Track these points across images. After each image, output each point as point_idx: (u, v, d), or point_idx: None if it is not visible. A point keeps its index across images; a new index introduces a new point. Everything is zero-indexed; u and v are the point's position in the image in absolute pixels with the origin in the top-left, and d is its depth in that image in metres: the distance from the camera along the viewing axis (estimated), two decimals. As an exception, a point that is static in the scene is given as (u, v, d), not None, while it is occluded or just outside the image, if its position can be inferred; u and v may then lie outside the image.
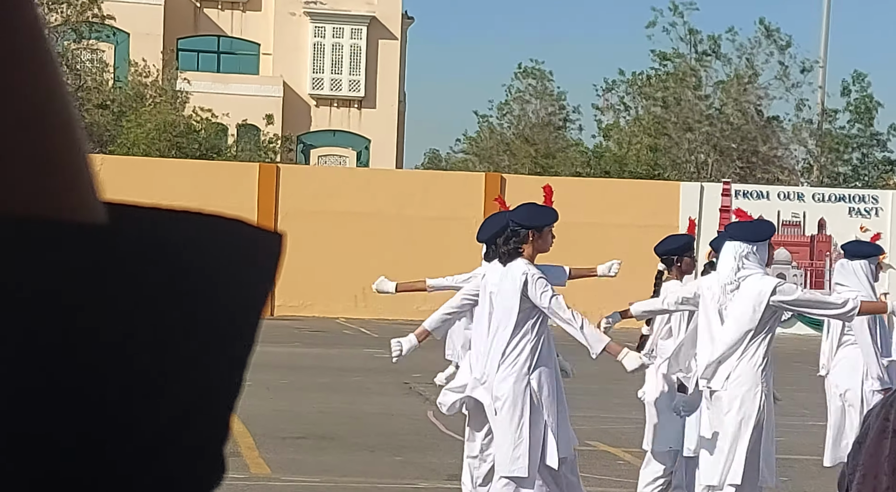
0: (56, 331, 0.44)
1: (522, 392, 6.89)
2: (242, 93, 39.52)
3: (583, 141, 41.69)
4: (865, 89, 38.71)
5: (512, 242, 7.00)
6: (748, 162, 37.72)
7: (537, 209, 7.44)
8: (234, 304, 0.49)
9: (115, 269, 0.46)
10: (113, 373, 0.45)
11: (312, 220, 27.62)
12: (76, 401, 0.45)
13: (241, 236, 0.50)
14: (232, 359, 0.49)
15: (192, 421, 0.48)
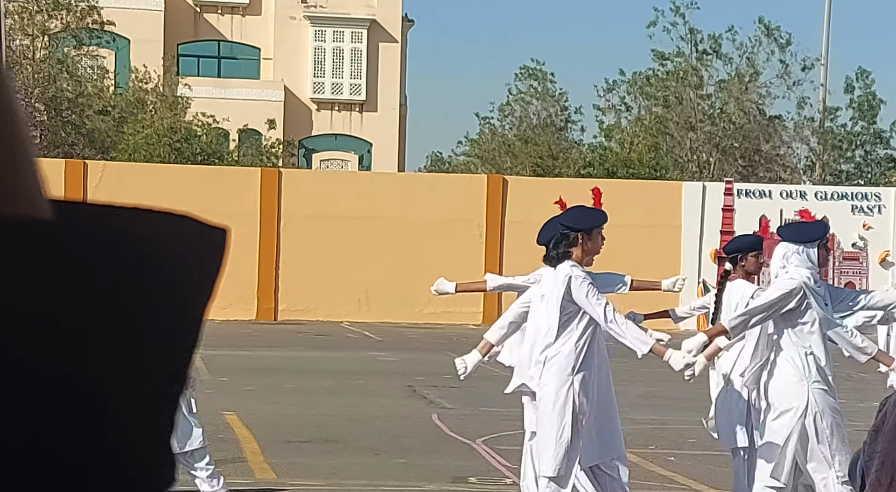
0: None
1: (565, 394, 6.91)
2: (243, 98, 39.54)
3: (584, 142, 41.67)
4: (869, 86, 38.69)
5: (562, 245, 7.03)
6: (750, 161, 37.70)
7: (586, 211, 7.51)
8: (176, 297, 0.50)
9: (53, 261, 0.46)
10: (49, 365, 0.46)
11: (315, 224, 27.61)
12: (8, 397, 0.45)
13: (186, 231, 0.51)
14: (175, 351, 0.50)
15: (134, 413, 0.48)
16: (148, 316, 0.49)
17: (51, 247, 0.46)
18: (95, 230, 0.48)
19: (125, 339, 0.48)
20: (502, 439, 11.70)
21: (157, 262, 0.49)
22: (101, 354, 0.47)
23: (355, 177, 33.49)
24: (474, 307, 28.15)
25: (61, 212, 0.49)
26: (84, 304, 0.47)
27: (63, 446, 0.46)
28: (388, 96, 41.65)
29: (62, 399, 0.46)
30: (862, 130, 38.87)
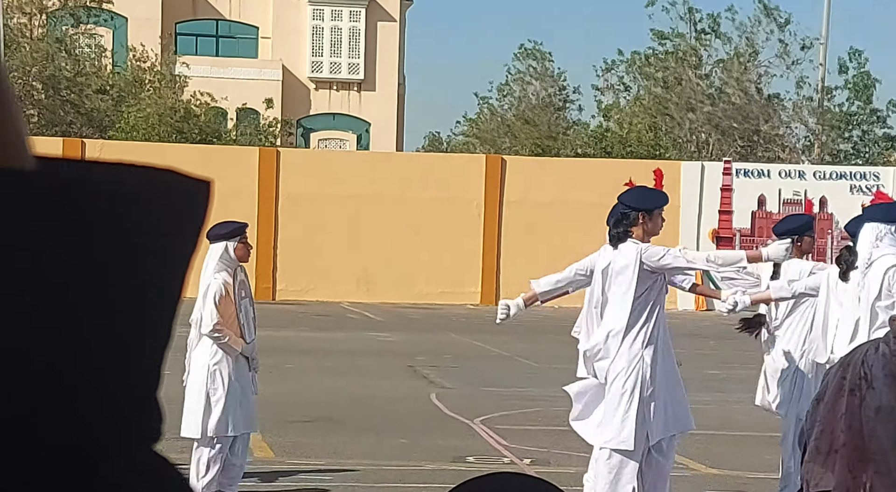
0: None
1: (635, 369, 7.01)
2: (241, 77, 39.45)
3: (583, 121, 41.62)
4: (863, 66, 38.64)
5: (622, 224, 7.10)
6: (749, 141, 37.68)
7: (647, 192, 7.64)
8: (159, 248, 0.50)
9: (33, 210, 0.47)
10: (31, 312, 0.46)
11: (313, 203, 27.61)
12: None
13: (169, 184, 0.52)
14: (159, 302, 0.51)
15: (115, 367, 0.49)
16: (129, 265, 0.49)
17: (31, 197, 0.47)
18: (78, 182, 0.48)
19: (106, 288, 0.48)
20: (501, 418, 11.75)
21: (140, 213, 0.50)
22: (82, 302, 0.47)
23: (353, 157, 33.46)
24: (473, 287, 28.19)
25: (43, 165, 0.49)
26: (65, 252, 0.47)
27: (42, 391, 0.47)
28: (386, 76, 41.56)
29: (39, 345, 0.47)
30: (858, 110, 38.85)
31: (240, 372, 7.74)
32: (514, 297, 8.15)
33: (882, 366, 2.02)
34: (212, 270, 7.67)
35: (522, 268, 28.53)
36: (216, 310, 7.57)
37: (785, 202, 29.09)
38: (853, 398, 2.03)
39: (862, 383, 2.03)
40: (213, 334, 7.61)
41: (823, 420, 2.08)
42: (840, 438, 2.03)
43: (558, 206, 28.09)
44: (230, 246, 7.71)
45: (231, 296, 7.65)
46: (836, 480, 2.01)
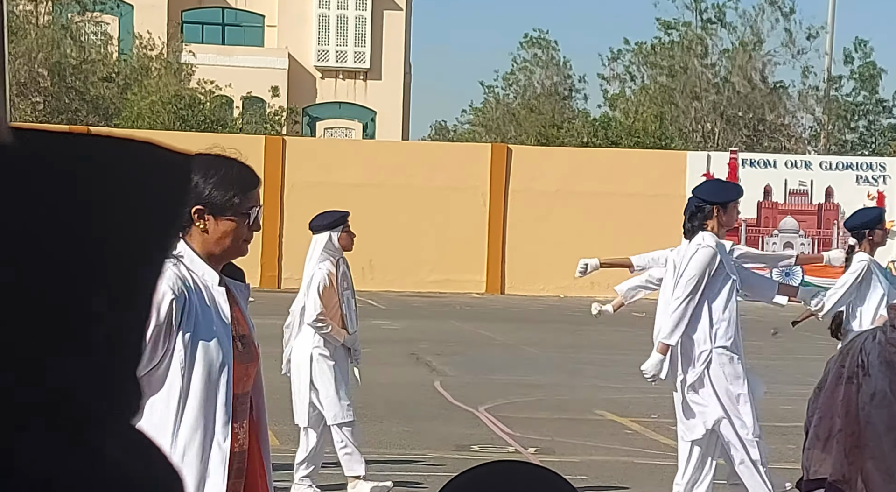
0: None
1: (739, 360, 7.08)
2: (247, 65, 39.43)
3: (588, 111, 41.59)
4: (868, 56, 38.56)
5: (697, 217, 7.11)
6: (755, 130, 37.63)
7: (721, 185, 7.65)
8: (139, 220, 0.50)
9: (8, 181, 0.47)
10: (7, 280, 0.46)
11: (318, 192, 27.62)
12: None
13: (149, 157, 0.52)
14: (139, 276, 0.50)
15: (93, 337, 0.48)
16: (103, 234, 0.49)
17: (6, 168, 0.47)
18: (55, 154, 0.48)
19: (83, 260, 0.48)
20: (505, 407, 11.77)
21: (119, 185, 0.50)
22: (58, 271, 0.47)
23: (359, 145, 33.46)
24: (478, 276, 28.20)
25: (20, 136, 0.49)
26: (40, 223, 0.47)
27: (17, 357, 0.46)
28: (392, 65, 41.53)
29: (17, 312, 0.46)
30: (864, 100, 38.78)
31: (340, 363, 7.74)
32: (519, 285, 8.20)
33: (878, 353, 2.05)
34: (316, 260, 7.64)
35: (527, 257, 28.55)
36: (320, 300, 7.54)
37: (791, 192, 29.05)
38: (850, 386, 2.06)
39: (859, 371, 2.05)
40: (317, 324, 7.59)
41: (823, 408, 2.12)
42: (837, 424, 2.08)
43: (564, 195, 28.08)
44: (334, 236, 7.67)
45: (335, 286, 7.63)
46: (833, 466, 2.06)
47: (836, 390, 2.13)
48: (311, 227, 7.73)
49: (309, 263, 7.70)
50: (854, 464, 2.06)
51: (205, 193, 3.20)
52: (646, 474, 8.53)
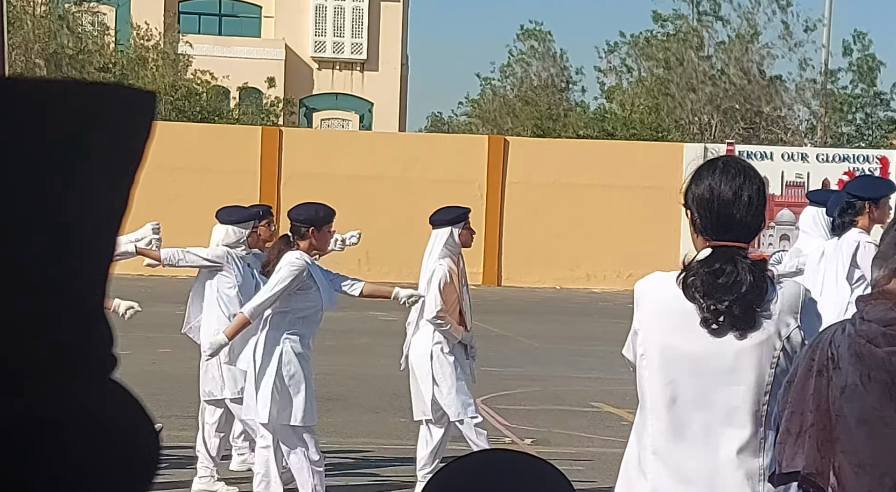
0: None
1: None
2: (244, 56, 39.38)
3: (586, 102, 41.56)
4: (867, 49, 38.55)
5: (847, 214, 7.10)
6: (752, 123, 37.63)
7: (873, 180, 7.63)
8: (105, 159, 0.52)
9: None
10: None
11: (315, 183, 27.60)
12: None
13: (115, 97, 0.54)
14: (104, 215, 0.51)
15: (56, 279, 0.49)
16: (65, 175, 0.49)
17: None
18: (24, 98, 0.49)
19: (46, 201, 0.48)
20: (502, 398, 11.78)
21: (87, 125, 0.51)
22: (24, 214, 0.48)
23: (356, 136, 33.43)
24: (475, 268, 28.19)
25: None
26: (8, 165, 0.48)
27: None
28: (389, 56, 41.48)
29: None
30: (862, 93, 38.77)
31: (459, 359, 7.71)
32: (515, 277, 8.19)
33: (848, 346, 2.06)
34: (436, 255, 7.59)
35: (524, 248, 28.54)
36: (440, 296, 7.48)
37: (787, 184, 29.07)
38: (821, 379, 2.08)
39: (829, 364, 2.07)
40: (436, 321, 7.55)
41: (793, 402, 2.13)
42: (808, 418, 2.09)
43: (560, 186, 28.08)
44: (455, 231, 7.61)
45: (455, 283, 7.59)
46: (806, 459, 2.07)
47: (807, 383, 2.13)
48: (432, 221, 7.68)
49: (429, 259, 7.64)
50: (826, 457, 2.07)
51: None
52: (642, 466, 8.53)
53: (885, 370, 2.04)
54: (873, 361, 2.04)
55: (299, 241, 7.13)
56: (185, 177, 26.62)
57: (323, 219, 7.13)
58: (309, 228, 7.09)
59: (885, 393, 2.05)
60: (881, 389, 2.05)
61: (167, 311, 15.99)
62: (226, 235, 7.93)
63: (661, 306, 3.01)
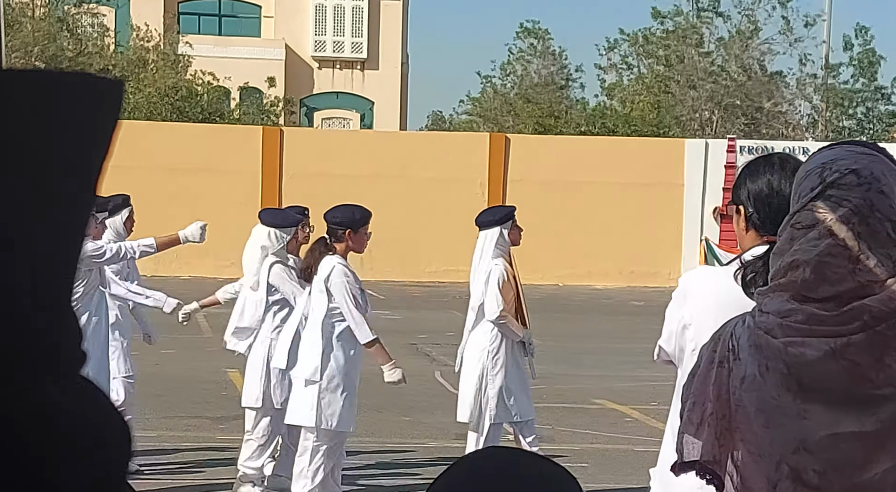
0: None
1: None
2: (244, 56, 39.38)
3: (586, 100, 41.55)
4: (868, 43, 38.52)
5: None
6: (752, 118, 37.60)
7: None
8: (71, 148, 0.51)
9: None
10: None
11: (316, 182, 27.60)
12: None
13: (82, 86, 0.53)
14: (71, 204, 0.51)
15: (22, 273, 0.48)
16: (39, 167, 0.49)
17: None
18: None
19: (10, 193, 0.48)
20: (504, 396, 11.75)
21: (54, 114, 0.50)
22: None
23: (357, 136, 33.42)
24: (476, 266, 28.21)
25: None
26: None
27: None
28: (389, 54, 41.47)
29: None
30: (863, 87, 38.75)
31: (517, 358, 7.70)
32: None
33: (747, 337, 2.13)
34: (489, 256, 7.60)
35: (525, 246, 28.52)
36: (501, 295, 7.50)
37: (789, 180, 29.04)
38: (722, 370, 2.14)
39: (730, 355, 2.13)
40: (499, 321, 7.55)
41: (695, 393, 2.19)
42: (709, 408, 2.15)
43: (562, 184, 28.07)
44: (504, 231, 7.65)
45: (511, 281, 7.61)
46: (705, 448, 2.14)
47: (708, 374, 2.19)
48: (479, 223, 7.71)
49: (482, 260, 7.64)
50: (725, 446, 2.14)
51: None
52: (647, 462, 8.53)
53: (782, 360, 2.11)
54: (771, 351, 2.12)
55: (336, 243, 7.17)
56: (186, 177, 26.63)
57: (359, 221, 7.19)
58: (346, 230, 7.14)
59: (782, 383, 2.11)
60: (778, 378, 2.12)
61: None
62: (268, 237, 7.91)
63: (718, 300, 2.96)
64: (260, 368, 7.75)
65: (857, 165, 2.18)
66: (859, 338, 2.10)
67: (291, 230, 7.99)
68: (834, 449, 2.12)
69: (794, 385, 2.13)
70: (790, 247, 2.17)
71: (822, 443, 2.12)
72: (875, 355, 2.10)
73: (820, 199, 2.16)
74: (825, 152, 2.25)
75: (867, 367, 2.10)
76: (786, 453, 2.13)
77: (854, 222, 2.14)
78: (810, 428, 2.13)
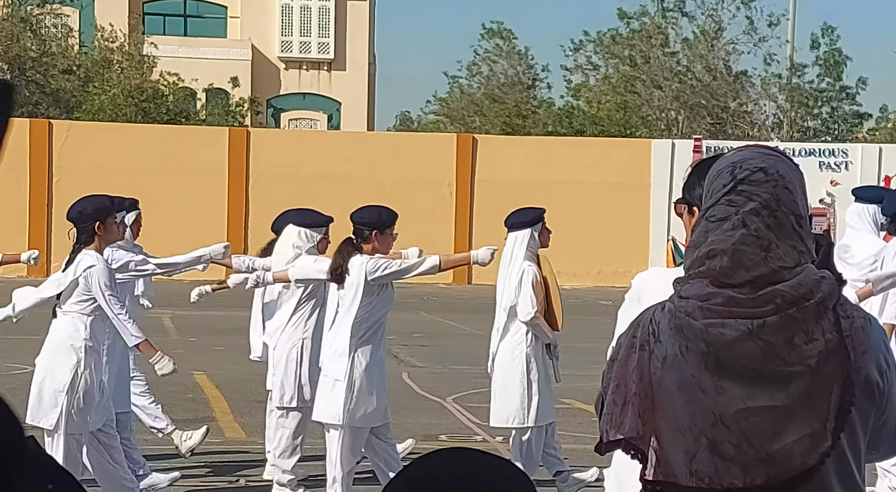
0: None
1: None
2: (210, 57, 39.20)
3: (553, 100, 41.62)
4: (834, 43, 38.78)
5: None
6: (718, 118, 37.79)
7: None
8: None
9: None
10: None
11: (283, 183, 27.51)
12: None
13: None
14: None
15: None
16: None
17: None
18: None
19: None
20: (472, 396, 11.77)
21: None
22: None
23: (324, 136, 33.34)
24: (444, 266, 28.19)
25: None
26: None
27: None
28: (356, 55, 41.40)
29: None
30: (828, 87, 39.00)
31: (546, 360, 7.64)
32: (486, 275, 8.20)
33: (668, 321, 2.29)
34: (520, 258, 7.59)
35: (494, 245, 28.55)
36: (535, 297, 7.48)
37: None
38: (643, 353, 2.30)
39: (651, 339, 2.30)
40: (533, 321, 7.53)
41: (617, 376, 2.34)
42: (632, 389, 2.30)
43: (530, 184, 28.10)
44: (535, 233, 7.64)
45: (541, 283, 7.59)
46: (629, 426, 2.29)
47: (630, 358, 2.34)
48: (509, 225, 7.72)
49: (513, 262, 7.63)
50: (647, 424, 2.28)
51: None
52: (614, 462, 8.54)
53: (703, 341, 2.28)
54: (691, 332, 2.29)
55: (363, 244, 7.14)
56: (153, 179, 26.46)
57: (386, 222, 7.16)
58: (372, 231, 7.11)
59: (702, 362, 2.28)
60: (698, 358, 2.28)
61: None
62: (298, 237, 7.87)
63: None
64: (294, 369, 7.74)
65: (764, 164, 2.37)
66: (773, 320, 2.28)
67: (322, 229, 7.99)
68: (748, 422, 2.27)
69: (713, 363, 2.28)
70: (706, 239, 2.35)
71: (738, 416, 2.27)
72: (786, 336, 2.28)
73: (732, 194, 2.35)
74: (735, 154, 2.44)
75: (780, 346, 2.27)
76: (704, 426, 2.28)
77: (764, 215, 2.33)
78: (726, 403, 2.28)
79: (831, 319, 2.30)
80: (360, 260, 7.04)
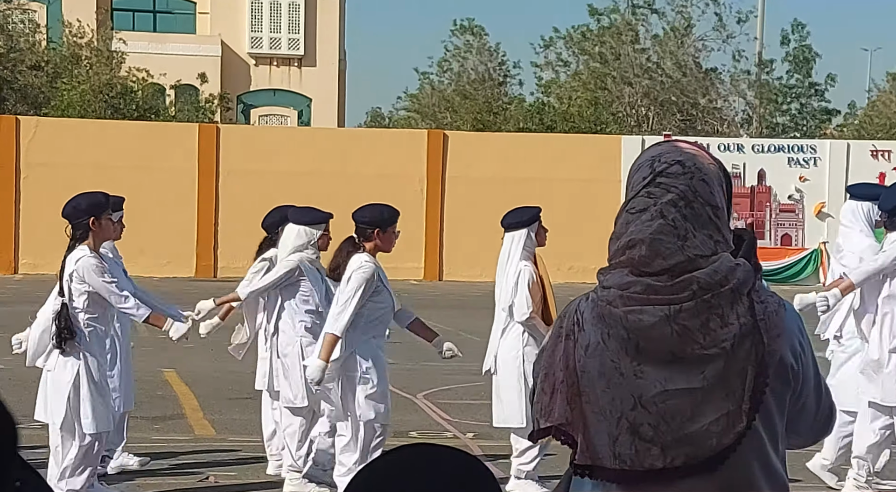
0: None
1: None
2: (179, 53, 39.00)
3: (524, 96, 41.64)
4: (804, 39, 38.99)
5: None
6: (688, 115, 37.92)
7: None
8: None
9: None
10: None
11: (253, 180, 27.41)
12: None
13: None
14: None
15: None
16: None
17: None
18: None
19: None
20: (443, 393, 11.77)
21: None
22: None
23: (294, 132, 33.25)
24: (416, 263, 28.17)
25: None
26: None
27: None
28: (326, 51, 41.30)
29: None
30: (797, 83, 39.21)
31: None
32: (457, 271, 8.22)
33: (591, 310, 2.39)
34: (517, 258, 7.56)
35: (465, 242, 28.55)
36: (531, 297, 7.45)
37: None
38: (569, 342, 2.39)
39: (575, 328, 2.39)
40: (529, 322, 7.50)
41: (546, 365, 2.42)
42: (560, 376, 2.39)
43: (500, 180, 28.12)
44: (531, 232, 7.60)
45: (538, 283, 7.56)
46: (558, 413, 2.38)
47: (556, 348, 2.42)
48: (506, 225, 7.67)
49: (510, 262, 7.60)
50: (575, 409, 2.37)
51: None
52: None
53: (623, 327, 2.36)
54: (612, 319, 2.37)
55: (365, 242, 7.13)
56: (122, 175, 26.30)
57: (388, 220, 7.16)
58: (374, 229, 7.10)
59: (622, 348, 2.36)
60: (619, 344, 2.36)
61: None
62: (297, 235, 7.84)
63: None
64: (298, 368, 7.72)
65: (681, 157, 2.45)
66: (689, 305, 2.36)
67: (322, 226, 7.96)
68: (666, 404, 2.35)
69: (633, 349, 2.36)
70: (626, 230, 2.43)
71: (656, 399, 2.35)
72: (702, 320, 2.35)
73: (651, 186, 2.42)
74: (655, 148, 2.51)
75: (695, 330, 2.35)
76: (625, 409, 2.36)
77: (681, 205, 2.41)
78: (645, 386, 2.35)
79: (746, 304, 2.37)
80: (357, 259, 7.06)
